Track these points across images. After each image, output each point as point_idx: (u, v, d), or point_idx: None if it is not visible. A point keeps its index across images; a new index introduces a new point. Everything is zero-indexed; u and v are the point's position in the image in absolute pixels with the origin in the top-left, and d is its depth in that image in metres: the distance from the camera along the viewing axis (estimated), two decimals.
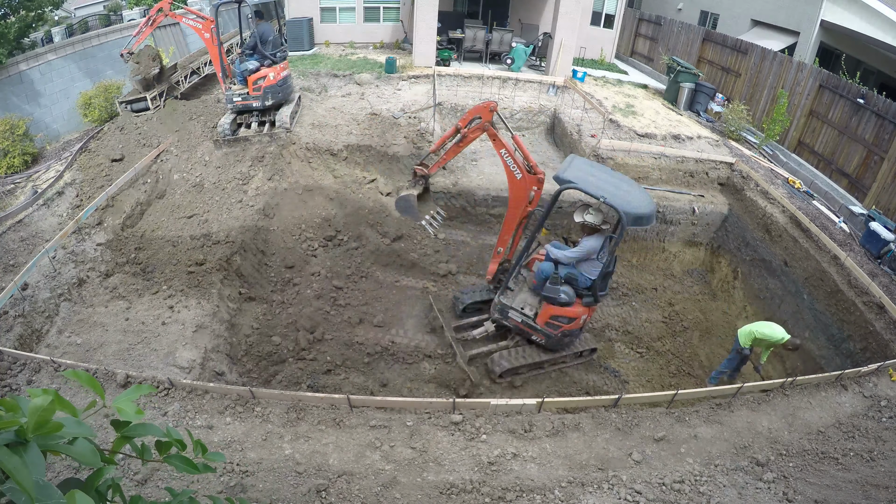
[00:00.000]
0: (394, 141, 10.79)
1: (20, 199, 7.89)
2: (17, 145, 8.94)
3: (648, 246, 11.12)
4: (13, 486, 1.02)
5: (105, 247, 7.65)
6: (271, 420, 4.75)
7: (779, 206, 9.89)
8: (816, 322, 8.35)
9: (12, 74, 9.85)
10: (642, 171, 10.96)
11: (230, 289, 7.45)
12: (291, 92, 11.14)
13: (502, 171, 9.95)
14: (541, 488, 4.29)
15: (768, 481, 4.58)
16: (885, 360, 6.31)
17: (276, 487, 4.11)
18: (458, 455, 4.54)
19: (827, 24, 13.93)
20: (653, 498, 4.29)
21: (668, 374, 8.40)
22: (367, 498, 4.09)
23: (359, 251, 9.01)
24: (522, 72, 15.34)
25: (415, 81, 13.84)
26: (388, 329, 7.90)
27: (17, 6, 9.72)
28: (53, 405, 1.13)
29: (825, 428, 5.30)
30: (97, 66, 11.93)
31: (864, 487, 4.64)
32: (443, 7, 15.26)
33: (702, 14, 19.09)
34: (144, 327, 6.35)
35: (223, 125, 9.91)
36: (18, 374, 5.07)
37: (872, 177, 10.11)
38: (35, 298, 6.33)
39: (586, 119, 12.36)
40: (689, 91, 14.15)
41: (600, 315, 9.11)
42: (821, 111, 11.64)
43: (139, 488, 3.99)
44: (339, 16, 17.07)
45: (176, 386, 4.95)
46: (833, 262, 8.43)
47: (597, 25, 18.12)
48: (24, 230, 7.30)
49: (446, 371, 7.28)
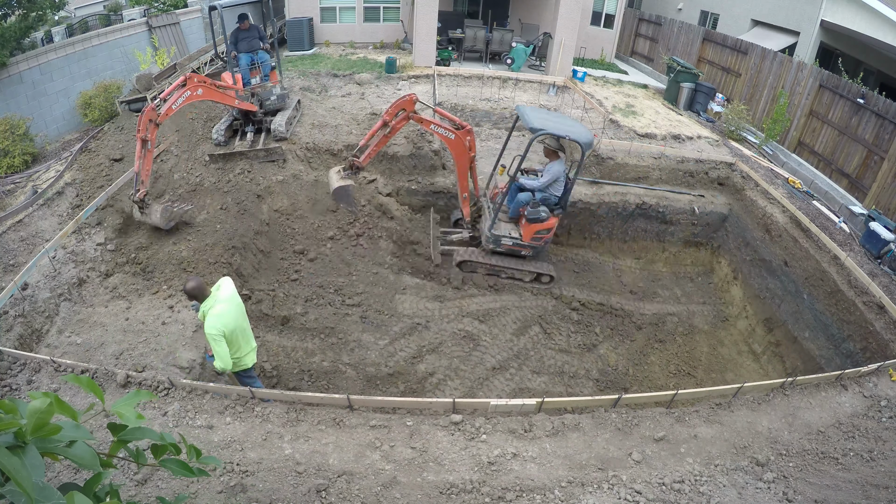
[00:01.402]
0: (394, 141, 10.78)
1: (20, 199, 7.89)
2: (18, 145, 8.93)
3: (648, 246, 11.12)
4: (13, 488, 1.02)
5: (104, 247, 7.65)
6: (271, 420, 4.75)
7: (779, 206, 9.89)
8: (816, 322, 8.35)
9: (12, 74, 9.85)
10: (642, 171, 10.96)
11: None
12: (287, 98, 10.72)
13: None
14: (541, 488, 4.29)
15: (768, 481, 4.58)
16: (885, 360, 6.31)
17: (276, 487, 4.12)
18: (458, 455, 4.54)
19: (827, 24, 13.93)
20: (653, 498, 4.29)
21: (668, 374, 8.42)
22: (367, 498, 4.10)
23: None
24: (522, 72, 15.35)
25: (415, 81, 13.84)
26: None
27: (18, 6, 9.72)
28: (52, 408, 1.13)
29: (825, 428, 5.30)
30: (97, 66, 11.93)
31: (864, 487, 4.64)
32: (443, 7, 15.27)
33: (702, 14, 19.09)
34: (144, 327, 6.35)
35: (218, 131, 9.65)
36: (18, 374, 5.07)
37: (872, 177, 10.11)
38: (35, 298, 6.33)
39: (586, 119, 12.36)
40: (689, 91, 14.15)
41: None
42: (821, 111, 11.64)
43: (139, 488, 3.99)
44: (339, 16, 17.07)
45: (176, 386, 4.95)
46: (833, 262, 8.43)
47: (597, 25, 18.13)
48: (24, 230, 7.30)
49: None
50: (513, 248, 8.88)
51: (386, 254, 8.98)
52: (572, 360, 8.08)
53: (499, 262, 9.00)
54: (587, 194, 10.53)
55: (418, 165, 10.59)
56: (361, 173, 8.87)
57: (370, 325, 7.75)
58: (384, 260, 8.89)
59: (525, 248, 8.85)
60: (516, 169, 8.52)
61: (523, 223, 8.71)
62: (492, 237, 8.75)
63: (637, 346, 8.77)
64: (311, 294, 8.05)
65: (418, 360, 7.47)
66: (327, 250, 8.75)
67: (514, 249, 8.89)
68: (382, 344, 7.55)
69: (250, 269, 8.01)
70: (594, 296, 9.61)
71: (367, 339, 7.58)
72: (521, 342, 8.14)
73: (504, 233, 8.80)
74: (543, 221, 8.48)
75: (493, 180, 9.78)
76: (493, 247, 8.88)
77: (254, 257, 8.18)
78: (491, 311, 8.54)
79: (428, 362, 7.47)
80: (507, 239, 8.78)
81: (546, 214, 8.43)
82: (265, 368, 6.75)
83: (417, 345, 7.66)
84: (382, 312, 8.04)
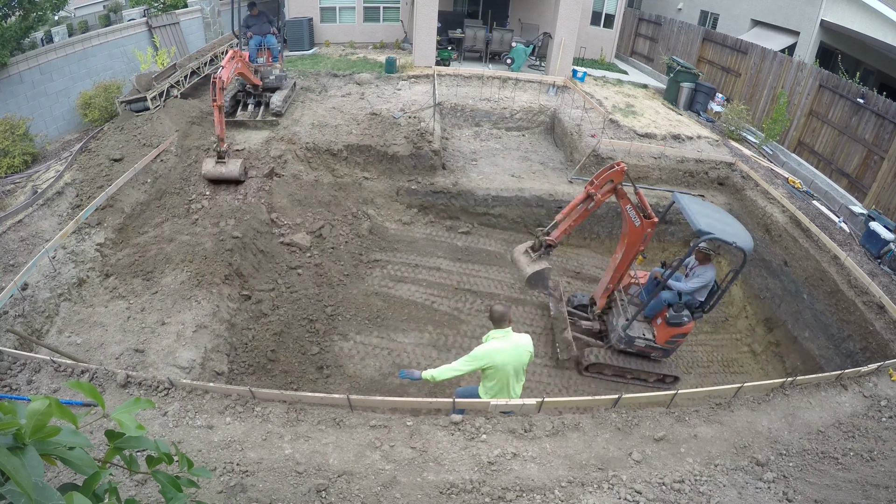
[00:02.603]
0: (394, 141, 10.79)
1: (20, 199, 7.88)
2: (17, 145, 8.92)
3: (648, 246, 11.11)
4: (13, 488, 1.02)
5: (104, 246, 7.65)
6: (271, 420, 4.75)
7: (779, 206, 9.89)
8: (816, 322, 8.35)
9: (12, 74, 9.83)
10: (642, 171, 10.96)
11: (230, 288, 7.46)
12: (284, 79, 11.97)
13: (502, 171, 9.97)
14: (541, 488, 4.29)
15: (768, 481, 4.58)
16: (885, 360, 6.31)
17: (276, 487, 4.12)
18: (458, 455, 4.54)
19: (827, 23, 13.92)
20: (653, 498, 4.29)
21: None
22: (367, 498, 4.10)
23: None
24: (522, 72, 15.35)
25: (415, 81, 13.84)
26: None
27: (18, 6, 9.70)
28: (51, 409, 1.13)
29: (825, 428, 5.30)
30: (97, 66, 11.92)
31: (864, 487, 4.64)
32: (443, 7, 15.28)
33: (702, 14, 19.08)
34: (144, 327, 6.35)
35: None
36: (18, 374, 5.07)
37: (872, 177, 10.11)
38: (35, 298, 6.33)
39: (586, 119, 12.36)
40: (689, 91, 14.15)
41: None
42: (821, 111, 11.64)
43: (139, 488, 3.99)
44: (339, 16, 17.07)
45: (176, 386, 4.95)
46: (833, 261, 8.43)
47: (597, 25, 18.13)
48: (24, 230, 7.29)
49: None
50: (644, 350, 7.99)
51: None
52: None
53: (626, 364, 8.03)
54: None
55: (418, 165, 10.59)
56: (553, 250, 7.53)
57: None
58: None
59: (657, 351, 7.96)
60: (672, 271, 7.19)
61: (658, 324, 7.77)
62: (625, 337, 7.85)
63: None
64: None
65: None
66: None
67: (644, 351, 8.01)
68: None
69: (250, 269, 8.01)
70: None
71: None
72: None
73: (638, 333, 7.87)
74: (683, 326, 7.51)
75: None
76: (624, 347, 7.96)
77: (254, 257, 8.18)
78: None
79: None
80: (641, 340, 7.84)
81: (687, 319, 7.44)
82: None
83: None
84: None
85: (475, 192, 10.42)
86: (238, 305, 7.47)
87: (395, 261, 9.58)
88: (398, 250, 9.86)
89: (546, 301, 9.12)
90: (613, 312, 8.32)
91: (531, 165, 11.47)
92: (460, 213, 10.61)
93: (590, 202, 6.91)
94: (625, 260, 7.69)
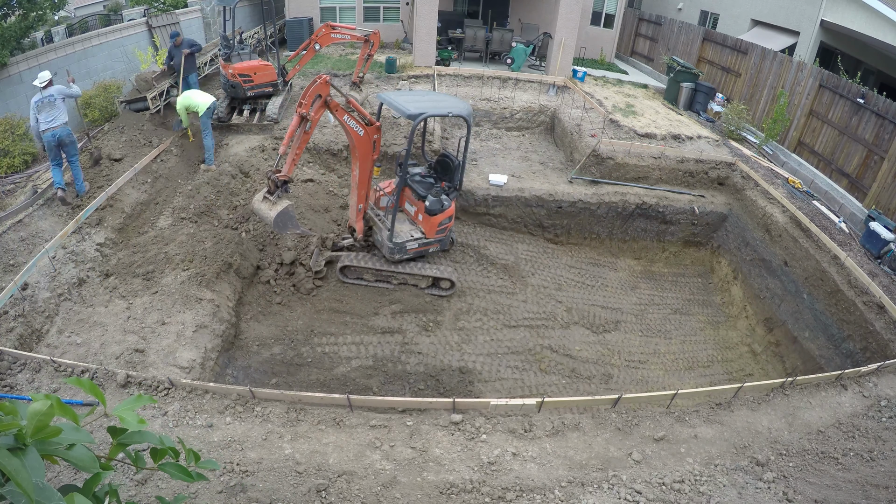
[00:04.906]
0: (394, 141, 10.79)
1: (20, 199, 7.88)
2: (17, 145, 8.91)
3: (648, 246, 11.12)
4: (13, 488, 1.02)
5: (104, 246, 7.65)
6: (271, 420, 4.75)
7: (779, 206, 9.89)
8: (816, 322, 8.35)
9: (12, 74, 9.82)
10: (642, 171, 10.96)
11: (230, 289, 7.46)
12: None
13: (502, 171, 9.98)
14: (541, 488, 4.29)
15: (768, 481, 4.58)
16: (885, 360, 6.32)
17: (276, 487, 4.12)
18: (458, 455, 4.54)
19: (827, 23, 13.92)
20: (653, 498, 4.29)
21: (667, 373, 8.42)
22: (367, 498, 4.10)
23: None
24: (522, 71, 15.34)
25: (415, 81, 13.84)
26: None
27: (18, 6, 9.70)
28: (52, 410, 1.13)
29: (825, 428, 5.30)
30: (97, 66, 11.91)
31: (864, 487, 4.64)
32: (443, 7, 15.28)
33: (702, 14, 19.07)
34: (144, 327, 6.35)
35: (219, 107, 10.79)
36: (18, 374, 5.08)
37: (872, 177, 10.11)
38: (35, 298, 6.33)
39: (586, 119, 12.36)
40: (689, 91, 14.14)
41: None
42: (821, 111, 11.63)
43: (138, 488, 3.99)
44: (339, 16, 17.08)
45: (176, 386, 4.95)
46: (833, 261, 8.43)
47: (597, 25, 18.12)
48: (24, 230, 7.28)
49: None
50: (421, 250, 8.07)
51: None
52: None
53: (383, 266, 8.01)
54: (587, 194, 10.53)
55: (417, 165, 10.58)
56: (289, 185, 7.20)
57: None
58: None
59: (433, 245, 8.07)
60: (405, 163, 7.56)
61: (421, 219, 7.94)
62: (395, 246, 7.79)
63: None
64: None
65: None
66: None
67: (422, 251, 8.09)
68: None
69: (250, 269, 8.01)
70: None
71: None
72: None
73: (406, 237, 7.90)
74: (445, 210, 7.69)
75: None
76: (400, 256, 7.92)
77: (253, 257, 8.18)
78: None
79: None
80: (412, 242, 7.89)
81: (448, 202, 7.70)
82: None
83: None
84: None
85: (475, 191, 10.41)
86: (238, 306, 7.47)
87: None
88: None
89: (306, 242, 8.50)
90: (375, 231, 8.20)
91: (531, 165, 11.47)
92: (460, 213, 10.61)
93: (306, 124, 6.59)
94: (363, 174, 7.65)
